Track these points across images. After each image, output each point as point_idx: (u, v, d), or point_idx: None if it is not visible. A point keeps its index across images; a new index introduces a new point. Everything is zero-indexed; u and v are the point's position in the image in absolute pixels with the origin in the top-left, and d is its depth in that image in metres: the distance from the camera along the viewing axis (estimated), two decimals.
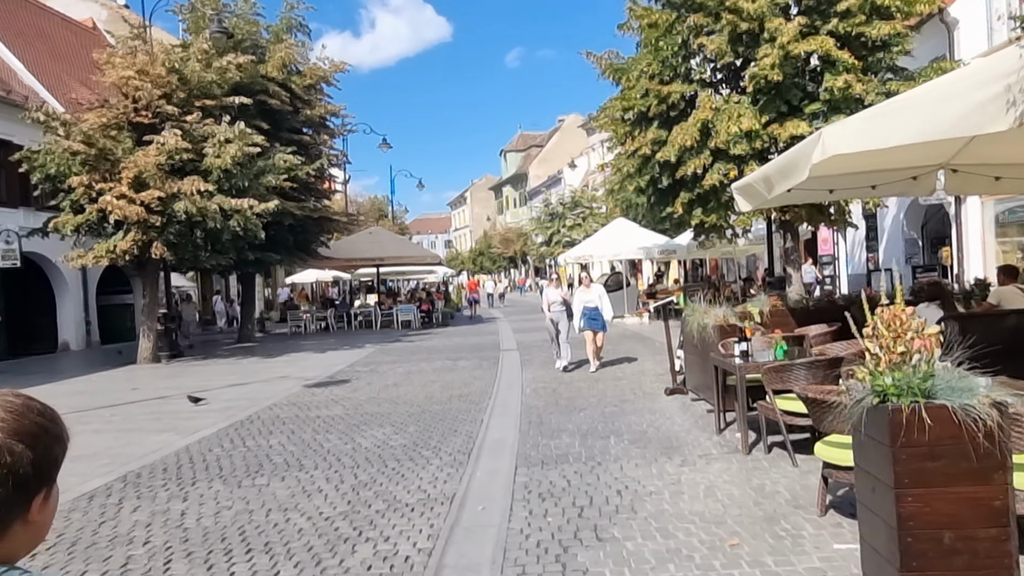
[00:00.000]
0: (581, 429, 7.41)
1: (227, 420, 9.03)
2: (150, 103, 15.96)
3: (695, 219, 15.75)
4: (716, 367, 6.79)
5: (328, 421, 8.64)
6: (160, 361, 17.17)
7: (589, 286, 12.02)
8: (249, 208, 15.64)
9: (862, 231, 23.93)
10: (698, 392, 8.72)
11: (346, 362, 15.19)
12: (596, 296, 11.72)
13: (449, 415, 8.62)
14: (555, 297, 12.14)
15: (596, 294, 11.79)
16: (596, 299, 11.66)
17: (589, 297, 11.72)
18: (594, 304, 11.58)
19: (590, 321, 11.52)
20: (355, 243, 27.15)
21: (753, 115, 14.44)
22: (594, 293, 11.81)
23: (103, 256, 15.40)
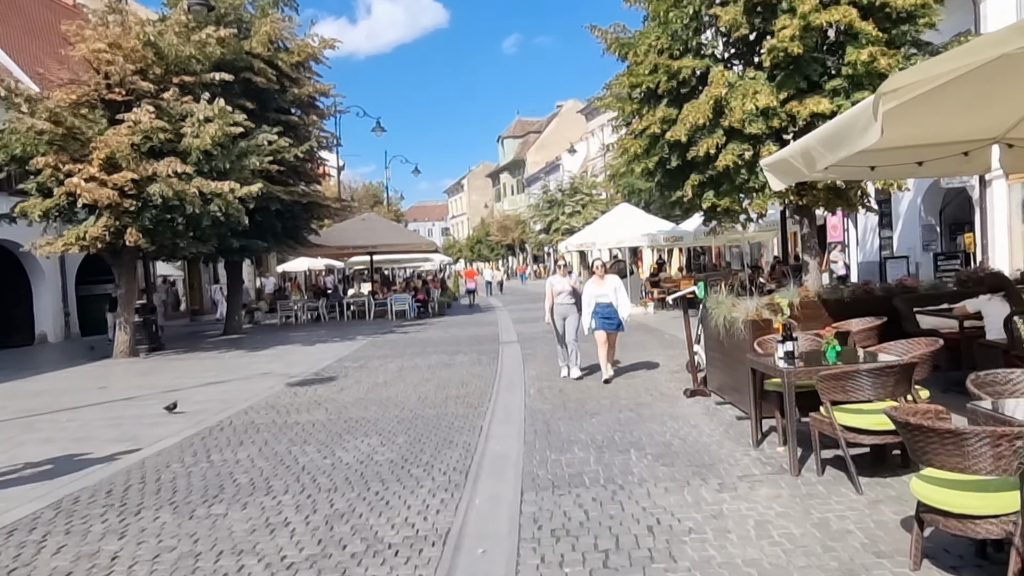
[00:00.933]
0: (595, 440, 6.44)
1: (195, 427, 8.05)
2: (123, 79, 14.86)
3: (706, 203, 14.73)
4: (753, 370, 5.82)
5: (307, 429, 7.67)
6: (138, 355, 16.17)
7: (603, 277, 9.76)
8: (230, 191, 14.60)
9: (874, 217, 22.99)
10: (723, 394, 7.77)
11: (335, 356, 14.21)
12: (611, 289, 9.62)
13: (444, 421, 7.66)
14: (563, 286, 10.08)
15: (611, 287, 9.64)
16: (611, 293, 9.59)
17: (602, 291, 9.62)
18: (608, 299, 9.56)
19: (603, 321, 9.54)
20: (347, 230, 26.10)
21: (770, 91, 13.42)
22: (608, 286, 9.65)
23: (72, 243, 14.35)
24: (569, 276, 10.40)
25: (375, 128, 32.38)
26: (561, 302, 10.04)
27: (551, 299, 10.06)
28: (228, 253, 18.80)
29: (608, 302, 9.57)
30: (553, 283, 10.17)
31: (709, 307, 7.88)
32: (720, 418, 7.02)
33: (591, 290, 9.73)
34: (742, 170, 14.03)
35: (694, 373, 8.19)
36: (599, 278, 9.79)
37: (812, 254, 15.08)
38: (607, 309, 9.56)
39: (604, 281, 9.73)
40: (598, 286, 9.72)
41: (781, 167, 7.25)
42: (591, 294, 9.68)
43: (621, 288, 9.80)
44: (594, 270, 10.08)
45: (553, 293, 10.06)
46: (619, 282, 9.88)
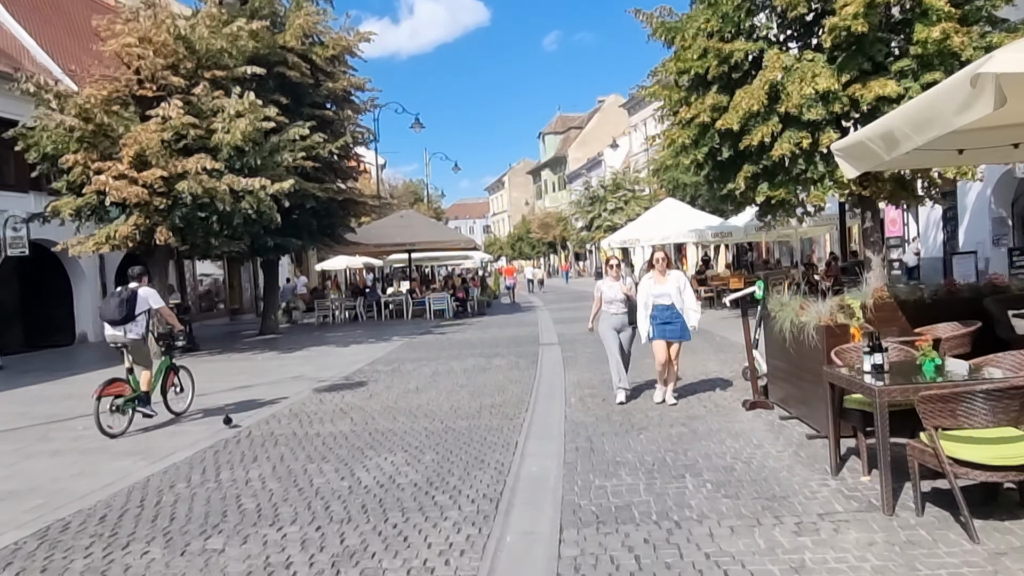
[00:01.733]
0: (644, 461, 5.68)
1: (212, 438, 7.52)
2: (154, 74, 14.55)
3: (760, 196, 13.81)
4: (832, 384, 4.99)
5: (328, 442, 7.06)
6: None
7: (664, 274, 7.88)
8: (261, 188, 14.15)
9: (937, 210, 21.62)
10: (788, 407, 6.93)
11: (368, 359, 13.67)
12: (674, 288, 7.75)
13: (476, 435, 6.97)
14: (615, 294, 8.11)
15: (674, 285, 7.77)
16: (674, 293, 7.74)
17: (663, 290, 7.77)
18: (669, 301, 7.72)
19: (663, 328, 7.68)
20: (385, 227, 25.68)
21: (831, 74, 12.43)
22: (671, 284, 7.77)
23: (103, 243, 14.07)
24: (623, 280, 8.27)
25: (414, 124, 31.90)
26: (614, 312, 8.16)
27: (599, 305, 8.32)
28: (263, 251, 18.43)
29: (669, 304, 7.72)
30: (603, 289, 8.26)
31: (772, 310, 7.04)
32: (787, 436, 6.18)
33: (648, 289, 7.80)
34: (799, 160, 13.07)
35: (754, 383, 7.36)
36: (659, 274, 7.90)
37: (876, 249, 14.03)
38: (668, 313, 7.71)
39: (666, 279, 7.84)
40: (658, 284, 7.82)
41: (856, 151, 6.37)
42: (648, 293, 7.78)
43: (687, 287, 7.89)
44: (653, 264, 8.13)
45: (601, 300, 8.27)
46: (684, 280, 7.94)
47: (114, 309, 8.29)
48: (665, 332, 7.71)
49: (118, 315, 8.27)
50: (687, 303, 7.79)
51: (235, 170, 14.53)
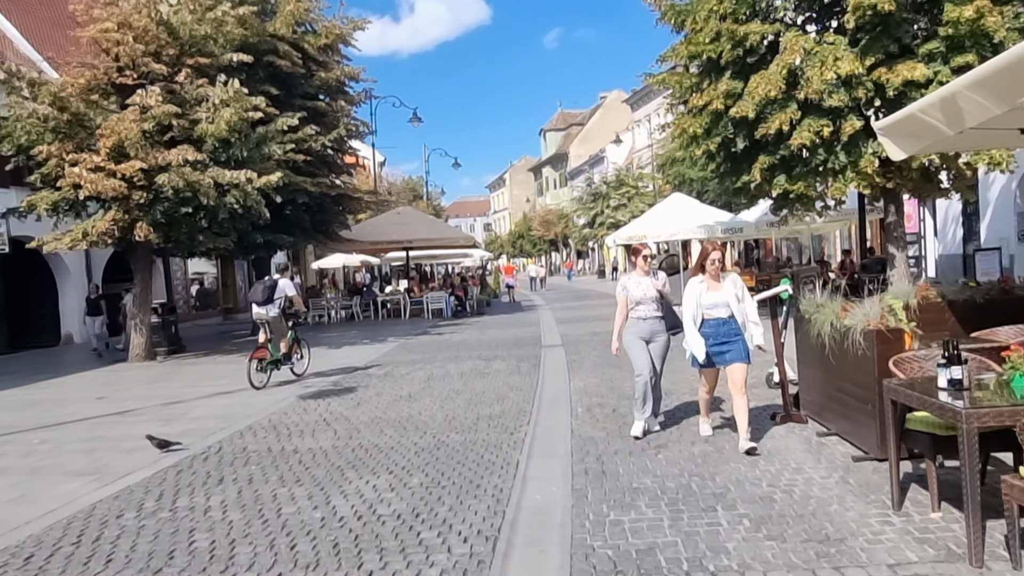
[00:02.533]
0: (666, 489, 4.88)
1: (177, 454, 6.73)
2: (134, 60, 13.75)
3: (777, 188, 12.98)
4: (894, 402, 4.19)
5: (307, 460, 6.27)
6: (155, 358, 15.11)
7: (719, 277, 5.93)
8: (248, 181, 13.35)
9: (957, 204, 20.79)
10: (826, 422, 6.13)
11: (361, 361, 12.88)
12: (731, 296, 5.87)
13: (472, 453, 6.18)
14: (644, 292, 6.27)
15: (731, 292, 5.89)
16: (732, 302, 5.85)
17: (718, 299, 5.84)
18: (727, 313, 5.83)
19: (719, 350, 5.79)
20: (382, 225, 24.89)
21: (854, 57, 11.63)
22: (727, 291, 5.88)
23: (80, 240, 13.28)
24: (655, 276, 6.44)
25: (412, 119, 31.09)
26: (643, 315, 6.28)
27: (625, 312, 6.35)
28: (252, 249, 17.65)
29: (726, 317, 5.80)
30: (628, 287, 6.33)
31: (806, 311, 6.23)
32: (829, 457, 5.38)
33: (697, 297, 5.86)
34: (819, 149, 12.26)
35: (785, 393, 6.55)
36: (712, 279, 5.90)
37: (899, 245, 13.24)
38: (725, 329, 5.80)
39: (721, 284, 5.90)
40: (711, 292, 5.86)
41: (906, 128, 5.55)
42: (695, 302, 5.85)
43: (746, 293, 6.04)
44: (705, 265, 5.92)
45: (628, 304, 6.33)
46: (742, 284, 6.09)
47: (259, 294, 10.76)
48: (724, 357, 5.77)
49: (261, 298, 10.69)
50: (749, 315, 5.91)
51: (220, 162, 13.74)
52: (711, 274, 5.91)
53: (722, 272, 5.99)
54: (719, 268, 5.93)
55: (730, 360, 5.78)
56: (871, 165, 11.93)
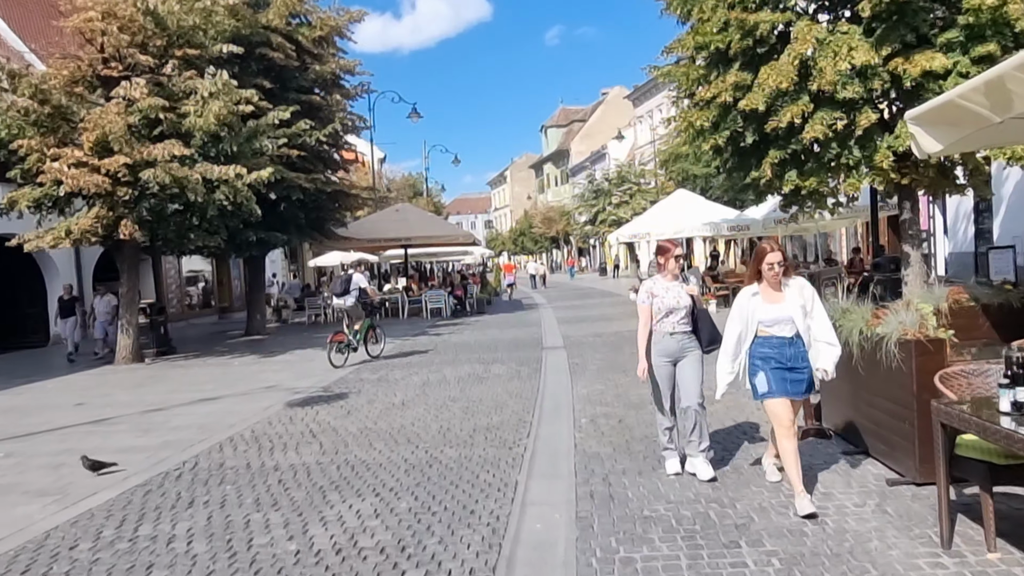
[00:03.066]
0: (682, 518, 4.38)
1: (148, 471, 6.24)
2: (119, 51, 13.23)
3: (788, 184, 12.46)
4: (943, 425, 3.68)
5: (287, 478, 5.77)
6: (143, 360, 14.62)
7: (780, 284, 4.64)
8: (237, 177, 12.84)
9: (967, 202, 20.27)
10: (852, 439, 5.62)
11: (355, 364, 12.37)
12: (797, 308, 4.59)
13: (467, 472, 5.67)
14: (675, 299, 5.11)
15: (796, 302, 4.60)
16: (797, 316, 4.58)
17: (781, 312, 4.59)
18: (791, 331, 4.58)
19: (785, 377, 4.55)
20: (380, 222, 24.39)
21: (869, 47, 11.11)
22: (792, 301, 4.60)
23: (62, 238, 12.77)
24: (684, 280, 5.31)
25: (411, 114, 30.53)
26: (671, 329, 5.10)
27: (649, 325, 5.15)
28: (245, 247, 17.13)
29: (791, 335, 4.55)
30: (654, 291, 5.14)
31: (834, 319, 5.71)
32: (860, 481, 4.87)
33: (751, 311, 4.64)
34: (832, 143, 11.74)
35: (807, 406, 6.03)
36: (770, 287, 4.62)
37: (915, 244, 12.70)
38: (792, 352, 4.54)
39: (783, 292, 4.61)
40: (772, 304, 4.59)
41: (944, 115, 5.06)
42: (745, 321, 4.65)
43: (819, 305, 4.67)
44: (761, 271, 4.62)
45: (652, 314, 5.14)
46: (812, 292, 4.70)
47: (338, 286, 12.88)
48: (794, 386, 4.54)
49: (339, 290, 12.77)
50: (820, 331, 4.58)
51: (209, 158, 13.25)
52: (770, 282, 4.60)
53: (787, 272, 4.65)
54: (780, 274, 4.56)
55: (794, 393, 4.58)
56: (887, 160, 11.41)
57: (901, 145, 11.32)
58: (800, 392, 4.62)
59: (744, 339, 4.68)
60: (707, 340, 5.17)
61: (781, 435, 4.51)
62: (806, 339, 4.59)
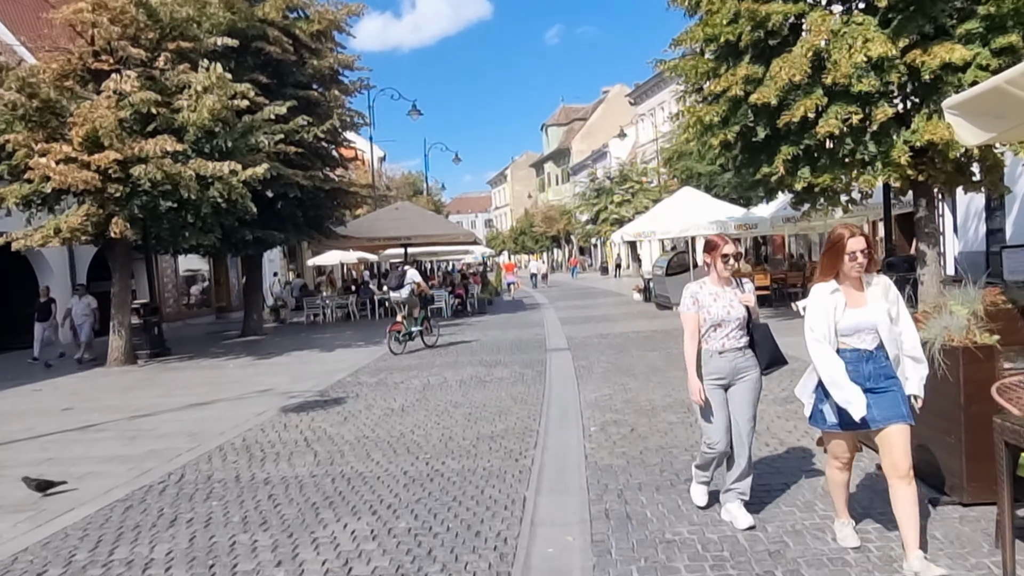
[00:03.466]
0: (708, 542, 3.99)
1: (131, 484, 5.85)
2: (110, 44, 12.84)
3: (801, 181, 12.09)
4: (1007, 443, 3.29)
5: (278, 493, 5.38)
6: (136, 362, 14.24)
7: (863, 283, 3.62)
8: (231, 173, 12.46)
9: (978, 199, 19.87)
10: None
11: (353, 366, 12.00)
12: (884, 314, 3.56)
13: (471, 486, 5.28)
14: (729, 309, 4.11)
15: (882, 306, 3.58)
16: (882, 324, 3.54)
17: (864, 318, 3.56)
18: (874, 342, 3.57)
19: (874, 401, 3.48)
20: (379, 220, 23.96)
21: (885, 39, 10.73)
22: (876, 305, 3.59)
23: (52, 236, 12.38)
24: (740, 283, 4.24)
25: (411, 111, 30.14)
26: (722, 347, 4.13)
27: (697, 337, 4.17)
28: (241, 246, 16.75)
29: (871, 348, 3.56)
30: (702, 302, 4.15)
31: None
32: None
33: (829, 313, 3.56)
34: (847, 138, 11.36)
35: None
36: (852, 286, 3.61)
37: (931, 242, 12.33)
38: (872, 367, 3.54)
39: (865, 293, 3.61)
40: (854, 308, 3.58)
41: (988, 104, 4.68)
42: (827, 325, 3.56)
43: (904, 310, 3.72)
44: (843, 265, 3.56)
45: (697, 327, 4.16)
46: (897, 294, 3.73)
47: (394, 280, 14.06)
48: (872, 413, 3.46)
49: (395, 284, 13.87)
50: (910, 343, 3.61)
51: (203, 153, 12.86)
52: (851, 278, 3.55)
53: (870, 272, 3.58)
54: (863, 267, 3.51)
55: (883, 419, 3.44)
56: (903, 155, 11.04)
57: (918, 140, 10.96)
58: (883, 420, 3.45)
59: (828, 347, 3.56)
60: (767, 360, 4.16)
61: (834, 466, 3.86)
62: (890, 352, 3.54)
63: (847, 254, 3.52)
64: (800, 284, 18.44)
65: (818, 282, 3.69)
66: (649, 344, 12.66)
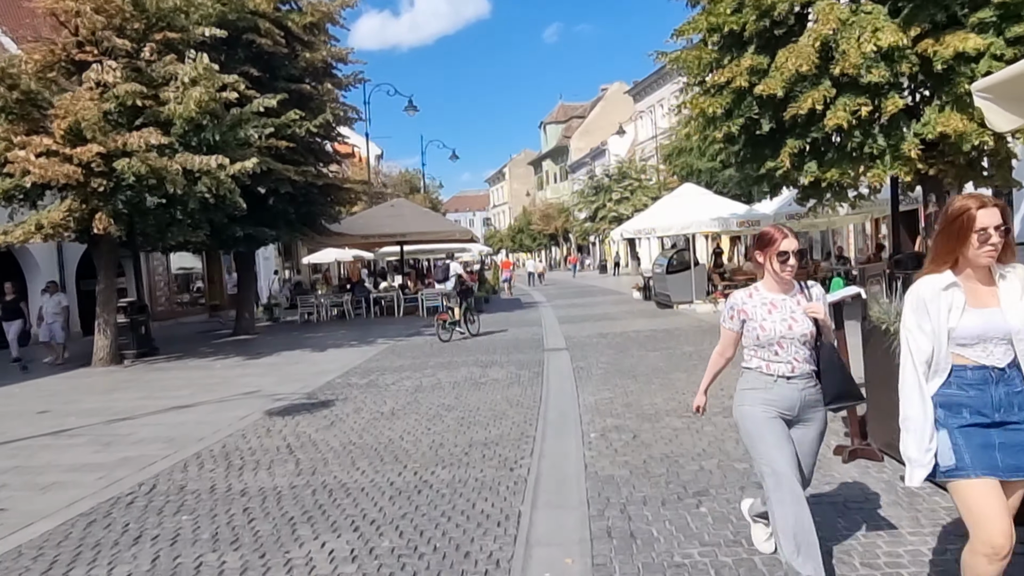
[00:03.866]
0: (721, 566, 3.60)
1: (98, 496, 5.45)
2: (94, 33, 12.43)
3: (807, 176, 11.71)
4: None
5: (254, 506, 4.99)
6: (122, 362, 13.83)
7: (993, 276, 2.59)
8: (219, 168, 12.06)
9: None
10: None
11: (344, 367, 11.62)
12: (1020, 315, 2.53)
13: (461, 498, 4.90)
14: (790, 323, 3.20)
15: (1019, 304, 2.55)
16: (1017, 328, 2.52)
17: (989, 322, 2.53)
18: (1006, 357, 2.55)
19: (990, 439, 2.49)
20: (375, 217, 23.57)
21: (896, 28, 10.35)
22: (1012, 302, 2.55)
23: (33, 232, 11.98)
24: (805, 287, 3.34)
25: (408, 107, 29.75)
26: (783, 371, 3.22)
27: (729, 355, 3.47)
28: (232, 243, 16.35)
29: (1004, 365, 2.54)
30: (746, 309, 3.28)
31: (880, 320, 4.95)
32: (929, 515, 4.09)
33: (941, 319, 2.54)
34: (856, 131, 10.99)
35: (854, 423, 5.25)
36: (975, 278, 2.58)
37: None
38: (1003, 390, 2.53)
39: (996, 287, 2.58)
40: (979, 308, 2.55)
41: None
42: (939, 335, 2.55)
43: None
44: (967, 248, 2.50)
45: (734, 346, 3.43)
46: None
47: (439, 273, 16.86)
48: (1010, 455, 2.48)
49: (441, 277, 16.50)
50: None
51: (191, 147, 12.46)
52: (978, 267, 2.56)
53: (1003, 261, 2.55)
54: (997, 251, 2.50)
55: (1010, 470, 2.48)
56: (914, 148, 10.66)
57: (930, 133, 10.59)
58: (1002, 468, 2.47)
59: (937, 370, 2.57)
60: (833, 392, 3.20)
61: (979, 551, 2.44)
62: None
63: (975, 232, 2.48)
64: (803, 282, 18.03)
65: (925, 274, 2.64)
66: (650, 344, 12.28)
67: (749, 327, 3.25)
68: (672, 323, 15.29)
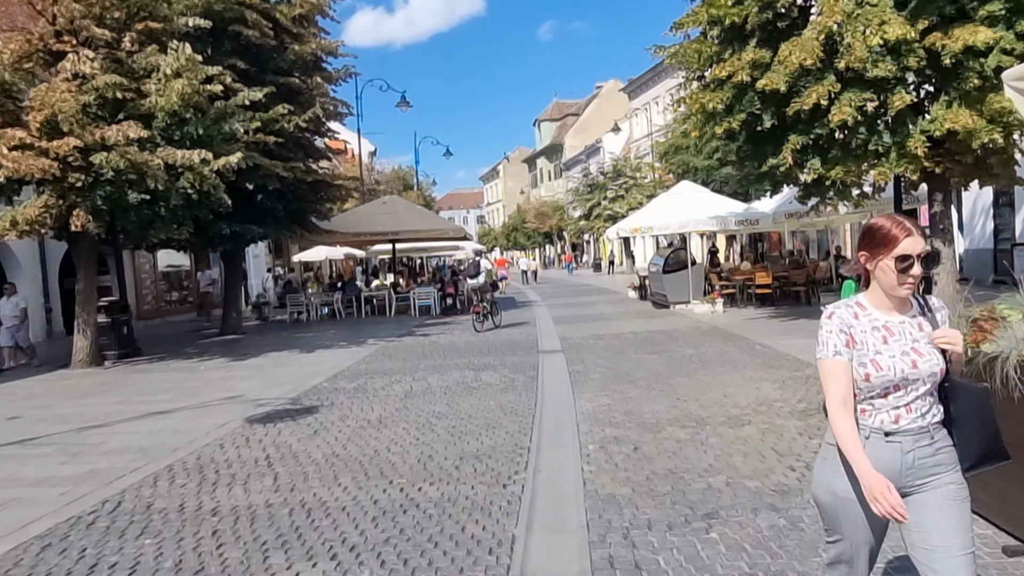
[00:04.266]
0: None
1: (58, 515, 5.04)
2: (72, 23, 11.97)
3: (811, 173, 11.36)
4: None
5: (224, 527, 4.60)
6: (103, 363, 13.38)
7: None
8: (202, 163, 11.63)
9: (985, 195, 19.25)
10: None
11: (332, 369, 11.21)
12: None
13: (450, 520, 4.51)
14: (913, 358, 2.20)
15: None
16: None
17: None
18: None
19: None
20: (366, 215, 23.14)
21: (903, 21, 10.00)
22: None
23: (8, 228, 11.52)
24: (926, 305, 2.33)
25: (400, 103, 29.32)
26: (900, 423, 2.22)
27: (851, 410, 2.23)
28: (218, 240, 15.92)
29: None
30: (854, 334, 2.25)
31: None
32: None
33: None
34: (861, 128, 10.63)
35: None
36: None
37: (946, 239, 11.61)
38: None
39: None
40: None
41: None
42: None
43: None
44: None
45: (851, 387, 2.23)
46: None
47: (471, 269, 17.00)
48: None
49: (472, 272, 16.62)
50: None
51: (173, 141, 12.04)
52: None
53: None
54: None
55: None
56: (921, 146, 10.31)
57: (937, 129, 10.24)
58: None
59: None
60: (978, 452, 2.28)
61: None
62: None
63: None
64: (804, 282, 17.72)
65: None
66: (648, 346, 11.91)
67: (858, 360, 2.23)
68: (670, 324, 14.93)
